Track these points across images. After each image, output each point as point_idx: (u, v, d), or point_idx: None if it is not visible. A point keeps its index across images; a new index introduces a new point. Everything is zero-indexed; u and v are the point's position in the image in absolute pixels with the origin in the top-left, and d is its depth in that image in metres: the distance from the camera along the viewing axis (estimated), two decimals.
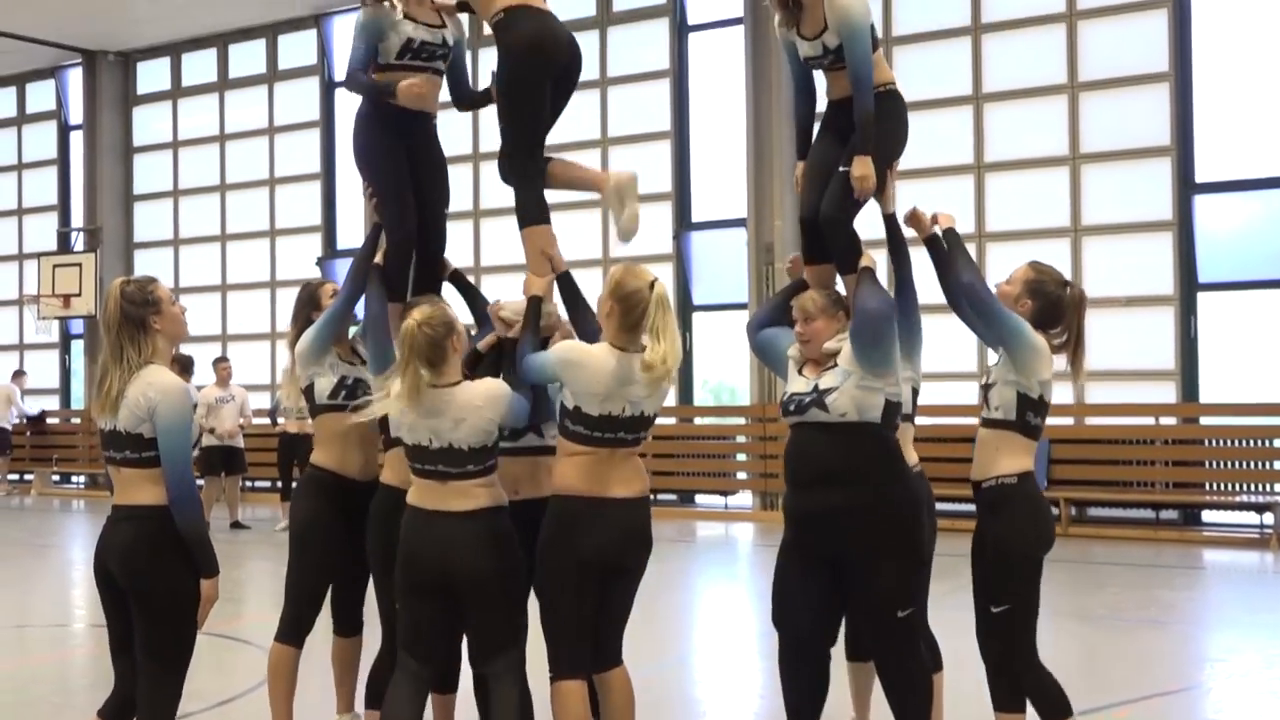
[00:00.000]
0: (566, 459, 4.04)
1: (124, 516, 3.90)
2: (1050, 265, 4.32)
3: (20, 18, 15.39)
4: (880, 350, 4.06)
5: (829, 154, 4.46)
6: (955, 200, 11.61)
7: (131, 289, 3.97)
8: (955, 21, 11.79)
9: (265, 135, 16.19)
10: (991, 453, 4.14)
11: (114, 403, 3.88)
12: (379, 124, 4.67)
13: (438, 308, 4.07)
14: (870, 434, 4.07)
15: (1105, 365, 11.12)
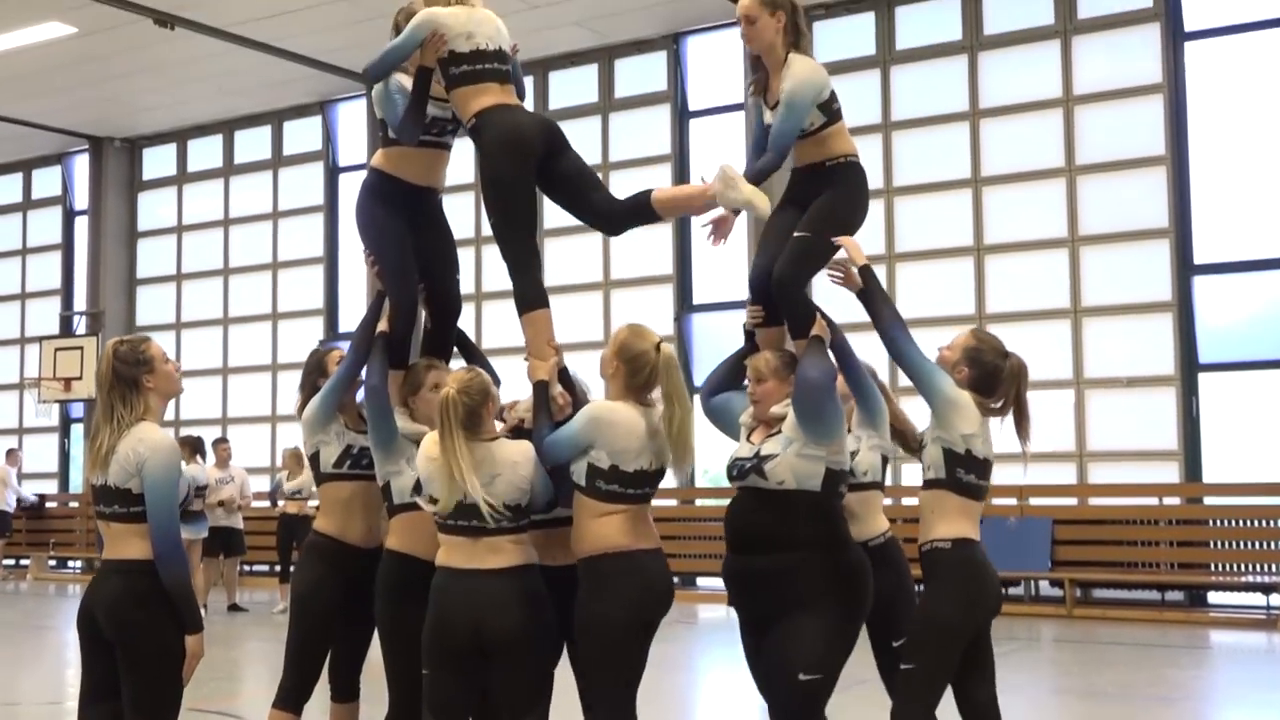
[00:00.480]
0: (601, 519, 4.00)
1: (113, 570, 3.95)
2: (993, 335, 4.27)
3: (29, 105, 15.59)
4: (822, 421, 4.01)
5: (788, 222, 4.51)
6: (955, 282, 11.70)
7: (124, 349, 4.05)
8: (954, 107, 11.92)
9: (269, 220, 16.31)
10: (928, 515, 4.08)
11: (104, 460, 3.94)
12: (382, 196, 4.70)
13: (475, 375, 4.09)
14: (807, 502, 4.00)
15: (1107, 446, 11.13)
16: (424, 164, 4.71)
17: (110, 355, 4.05)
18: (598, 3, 12.45)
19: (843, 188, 4.47)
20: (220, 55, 13.74)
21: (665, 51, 13.38)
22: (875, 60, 12.30)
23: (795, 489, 4.00)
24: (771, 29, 4.50)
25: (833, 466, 4.03)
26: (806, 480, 4.00)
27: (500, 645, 3.89)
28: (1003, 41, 11.75)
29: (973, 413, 4.04)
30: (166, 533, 3.92)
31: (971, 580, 4.00)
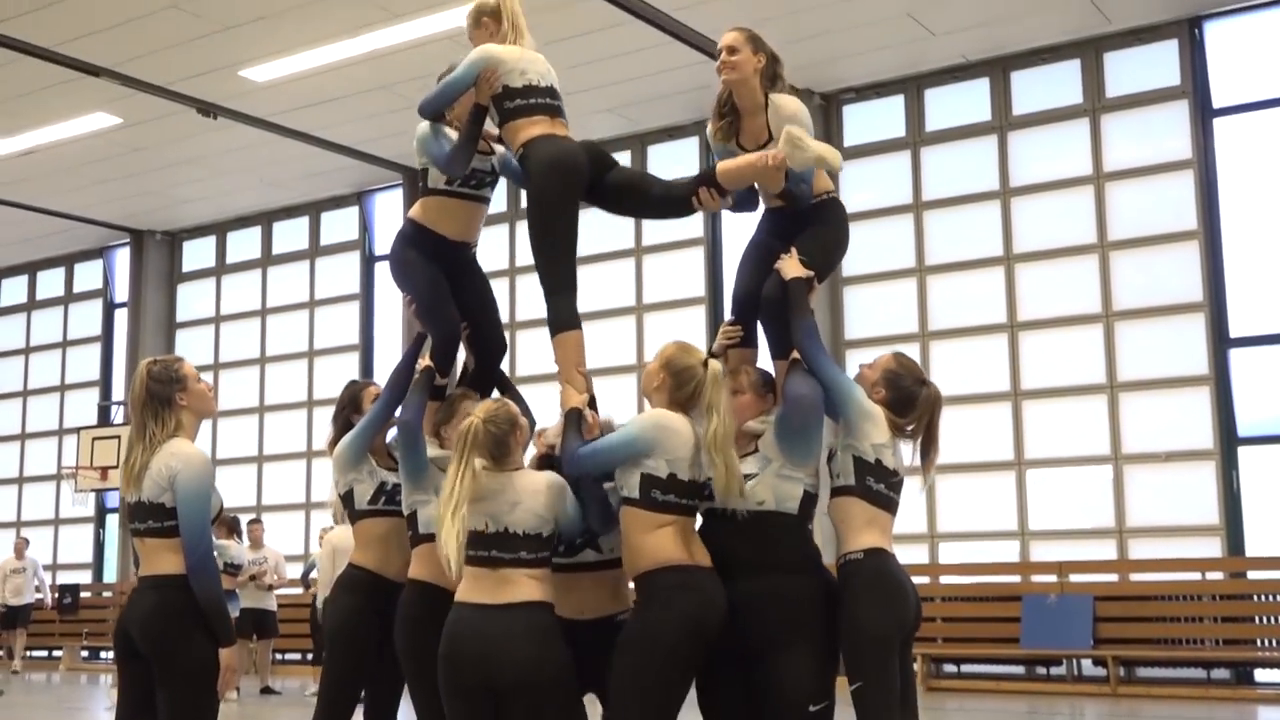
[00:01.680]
0: (657, 532, 3.95)
1: (148, 586, 3.97)
2: (913, 361, 4.27)
3: (73, 198, 15.90)
4: (805, 439, 4.02)
5: (770, 251, 4.54)
6: (990, 359, 11.69)
7: (158, 368, 4.11)
8: (985, 186, 12.01)
9: (306, 309, 16.49)
10: (840, 525, 4.04)
11: (137, 477, 3.96)
12: (417, 245, 4.74)
13: (502, 405, 4.11)
14: (785, 524, 3.99)
15: (1148, 521, 11.01)
16: (462, 218, 4.76)
17: (144, 374, 4.10)
18: (630, 90, 12.67)
19: (831, 224, 4.53)
20: (261, 145, 14.04)
21: (696, 137, 13.57)
22: (906, 142, 12.44)
23: (774, 509, 3.99)
24: (751, 65, 4.58)
25: (809, 489, 4.04)
26: (785, 501, 4.00)
27: (509, 682, 3.82)
28: (1032, 121, 11.87)
29: (883, 425, 4.04)
30: (199, 544, 3.95)
31: (887, 589, 3.94)
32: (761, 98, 4.57)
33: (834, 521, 4.06)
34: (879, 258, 12.36)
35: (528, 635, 3.85)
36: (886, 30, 11.19)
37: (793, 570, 3.98)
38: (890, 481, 4.04)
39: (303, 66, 11.76)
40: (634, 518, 3.99)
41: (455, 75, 4.61)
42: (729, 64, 4.59)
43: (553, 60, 12.92)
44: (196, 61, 11.65)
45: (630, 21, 10.71)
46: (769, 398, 4.23)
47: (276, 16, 10.77)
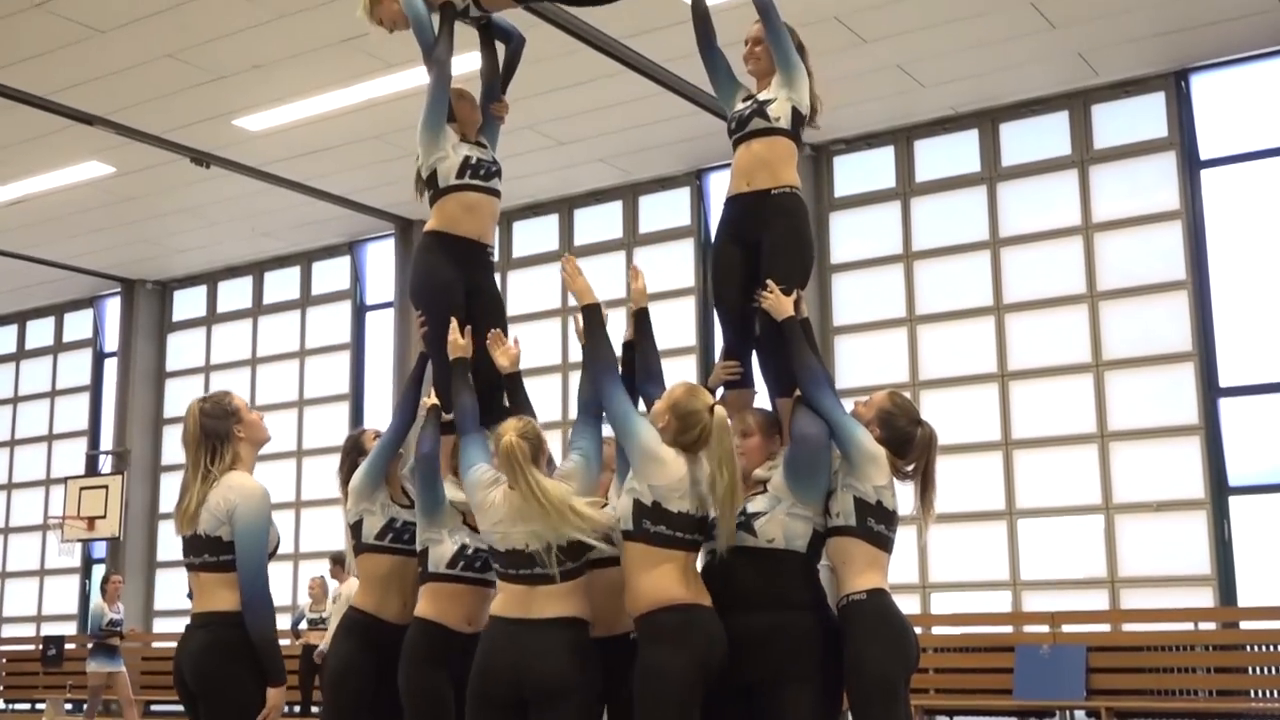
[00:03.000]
0: (655, 569, 3.94)
1: (200, 624, 3.97)
2: (908, 400, 4.30)
3: (64, 247, 15.89)
4: (815, 478, 4.04)
5: (736, 265, 4.56)
6: (981, 407, 11.70)
7: (209, 405, 4.12)
8: (974, 236, 12.07)
9: (296, 358, 16.47)
10: (840, 567, 4.04)
11: (193, 516, 3.96)
12: (437, 255, 4.78)
13: (526, 421, 4.12)
14: (795, 562, 4.00)
15: (1140, 571, 10.99)
16: (475, 213, 4.83)
17: (196, 412, 4.13)
18: (622, 141, 12.74)
19: (793, 221, 4.54)
20: (253, 195, 14.07)
21: (688, 187, 13.64)
22: (896, 192, 12.52)
23: (784, 548, 4.00)
24: (769, 54, 4.70)
25: (818, 528, 4.05)
26: (795, 540, 4.01)
27: (540, 693, 3.83)
28: (1021, 172, 11.96)
29: (886, 467, 4.06)
30: (255, 578, 3.98)
31: (892, 629, 3.95)
32: None
33: (834, 562, 4.06)
34: (870, 307, 12.41)
35: (565, 649, 3.88)
36: (877, 82, 11.28)
37: (800, 607, 3.98)
38: (889, 522, 4.05)
39: (296, 116, 11.82)
40: (632, 553, 3.99)
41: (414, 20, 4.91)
42: (753, 55, 4.78)
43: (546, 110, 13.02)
44: (190, 110, 11.70)
45: (623, 72, 10.79)
46: (776, 439, 4.23)
47: (271, 66, 10.84)
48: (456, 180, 4.82)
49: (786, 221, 4.53)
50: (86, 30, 10.09)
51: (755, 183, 4.60)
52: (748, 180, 4.63)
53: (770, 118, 4.63)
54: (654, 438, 4.02)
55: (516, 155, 12.47)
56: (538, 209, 14.44)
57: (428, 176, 4.87)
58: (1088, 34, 10.54)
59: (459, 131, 4.96)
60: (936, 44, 10.62)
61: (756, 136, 4.64)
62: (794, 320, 4.27)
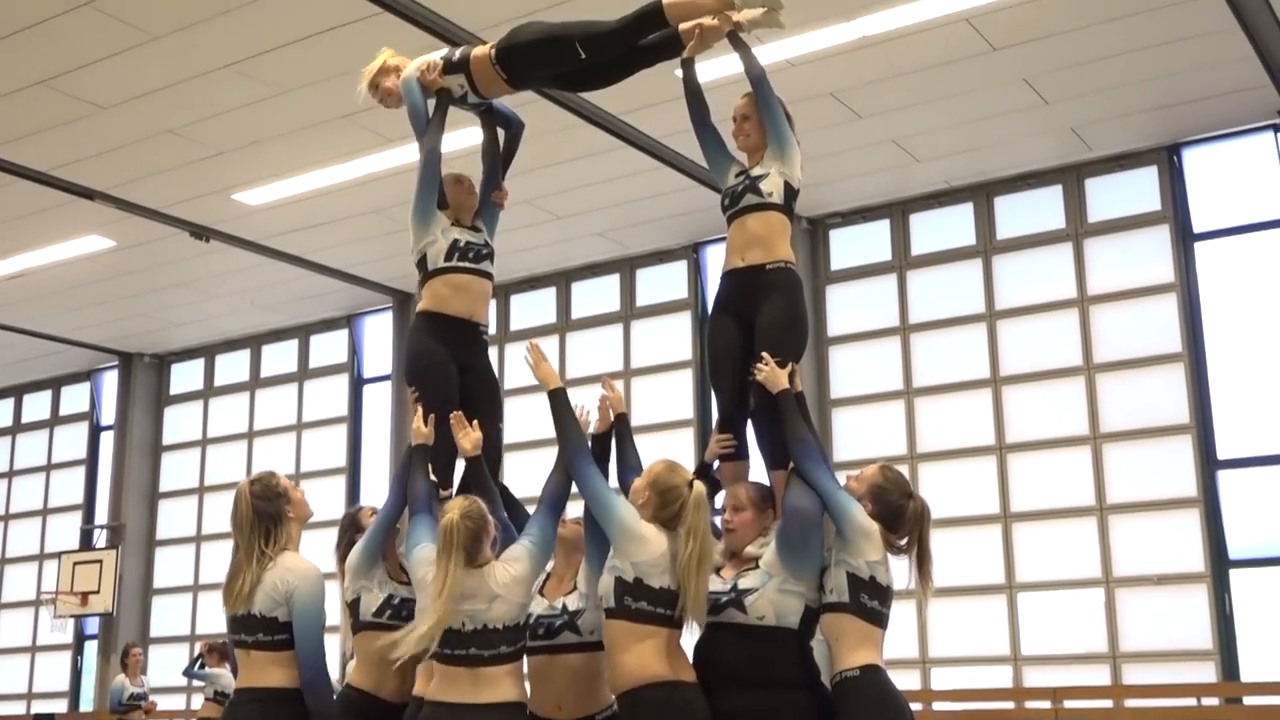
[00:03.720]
0: (637, 645, 3.92)
1: (250, 699, 4.06)
2: (900, 473, 4.28)
3: (63, 320, 15.94)
4: (807, 552, 4.02)
5: (735, 340, 4.60)
6: (979, 481, 11.67)
7: (258, 487, 4.21)
8: (970, 309, 12.12)
9: (293, 431, 16.44)
10: (834, 643, 4.01)
11: (247, 596, 4.01)
12: (429, 335, 4.83)
13: (474, 501, 4.13)
14: (786, 640, 3.96)
15: (1142, 646, 10.90)
16: (465, 294, 4.91)
17: (247, 495, 4.20)
18: (620, 215, 12.82)
19: (787, 296, 4.58)
20: (252, 269, 14.13)
21: (685, 260, 13.71)
22: (892, 265, 12.58)
23: (775, 625, 3.96)
24: (760, 129, 4.77)
25: (810, 604, 4.01)
26: (786, 616, 3.97)
27: None
28: (1016, 245, 12.02)
29: (879, 542, 4.04)
30: (316, 659, 4.07)
31: (886, 707, 3.89)
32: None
33: (828, 638, 4.02)
34: (867, 380, 12.42)
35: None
36: (872, 156, 11.38)
37: (792, 686, 3.94)
38: (883, 598, 4.02)
39: (295, 190, 11.89)
40: (615, 631, 3.97)
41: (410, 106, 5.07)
42: (742, 131, 4.83)
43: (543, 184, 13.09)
44: (191, 185, 11.78)
45: (620, 148, 10.89)
46: (769, 513, 4.22)
47: (270, 141, 10.93)
48: (445, 263, 4.92)
49: (781, 296, 4.57)
50: (89, 107, 10.19)
51: (749, 258, 4.65)
52: (741, 256, 4.68)
53: (763, 193, 4.68)
54: (633, 515, 4.04)
55: (515, 229, 12.54)
56: (535, 282, 14.50)
57: (418, 260, 4.98)
58: (1080, 109, 10.65)
59: (452, 216, 5.05)
60: (930, 119, 10.72)
61: (750, 212, 4.69)
62: (788, 393, 4.29)
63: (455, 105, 5.15)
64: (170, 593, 17.00)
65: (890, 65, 9.73)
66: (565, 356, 14.02)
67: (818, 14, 8.93)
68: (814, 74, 9.54)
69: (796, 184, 4.80)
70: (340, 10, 8.78)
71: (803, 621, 3.98)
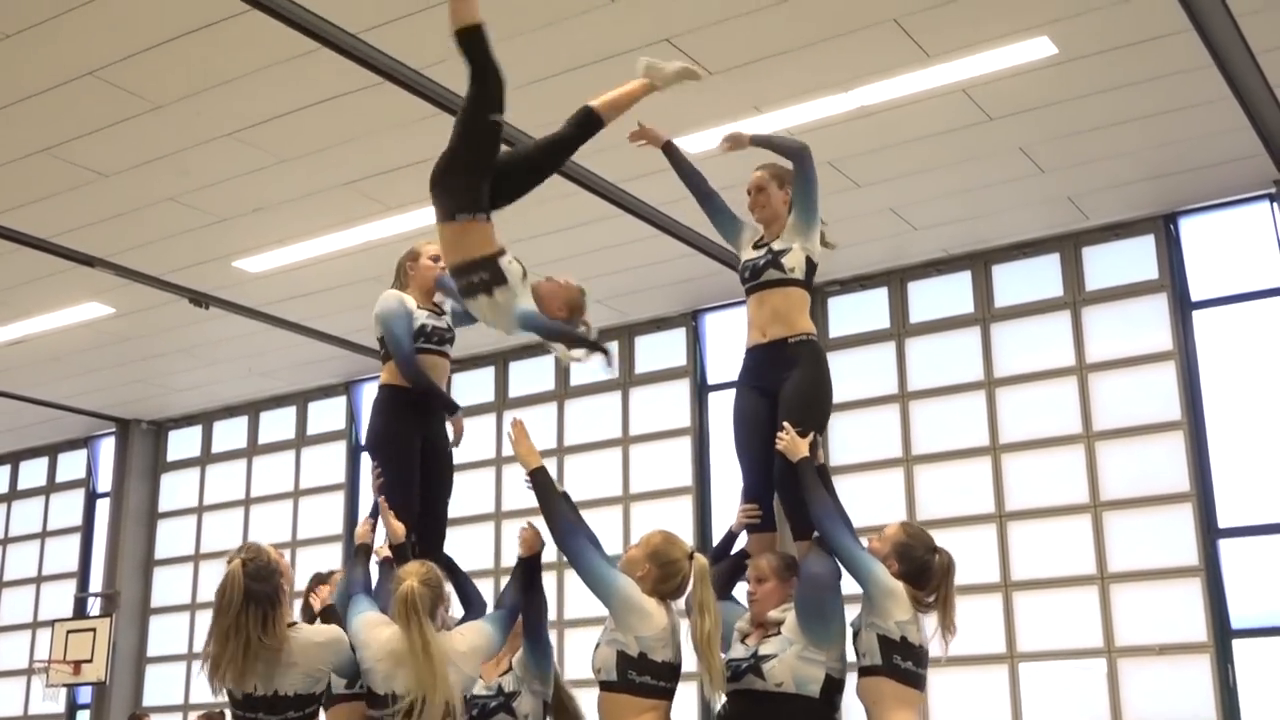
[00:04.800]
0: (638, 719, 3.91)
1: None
2: (921, 529, 4.30)
3: (60, 387, 15.93)
4: (824, 620, 4.02)
5: (760, 411, 4.62)
6: (979, 549, 11.60)
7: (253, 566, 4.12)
8: (969, 376, 12.12)
9: (290, 498, 16.38)
10: (871, 708, 3.99)
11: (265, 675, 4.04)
12: (393, 407, 4.93)
13: (429, 566, 4.19)
14: (805, 709, 3.93)
15: (1145, 717, 10.79)
16: (432, 372, 5.06)
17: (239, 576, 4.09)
18: (619, 283, 12.84)
19: (811, 369, 4.61)
20: (251, 335, 14.14)
21: (684, 328, 13.73)
22: (890, 333, 12.60)
23: (794, 693, 3.94)
24: (780, 200, 4.87)
25: (833, 674, 3.99)
26: (806, 684, 3.95)
27: None
28: (1014, 313, 12.04)
29: (906, 601, 4.04)
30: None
31: None
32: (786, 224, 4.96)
33: (864, 703, 4.00)
34: (866, 448, 12.39)
35: None
36: (870, 225, 11.43)
37: None
38: (918, 658, 4.00)
39: (295, 257, 11.94)
40: (614, 704, 3.95)
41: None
42: (758, 203, 4.90)
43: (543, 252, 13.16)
44: (191, 252, 11.82)
45: (619, 215, 10.94)
46: (792, 582, 4.20)
47: (272, 209, 10.98)
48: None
49: (804, 369, 4.63)
50: (90, 174, 10.24)
51: (771, 334, 4.72)
52: (763, 332, 4.75)
53: (786, 269, 4.74)
54: (635, 589, 4.02)
55: None
56: (534, 350, 14.50)
57: (380, 340, 5.25)
58: (1077, 179, 10.71)
59: (415, 296, 5.33)
60: (928, 188, 10.79)
61: (772, 287, 4.74)
62: (808, 461, 4.30)
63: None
64: (164, 661, 16.85)
65: (888, 135, 9.80)
66: (564, 424, 14.00)
67: (815, 85, 9.02)
68: (812, 143, 9.43)
69: (816, 258, 4.86)
70: (342, 80, 8.85)
71: (824, 690, 3.95)
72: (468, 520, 13.75)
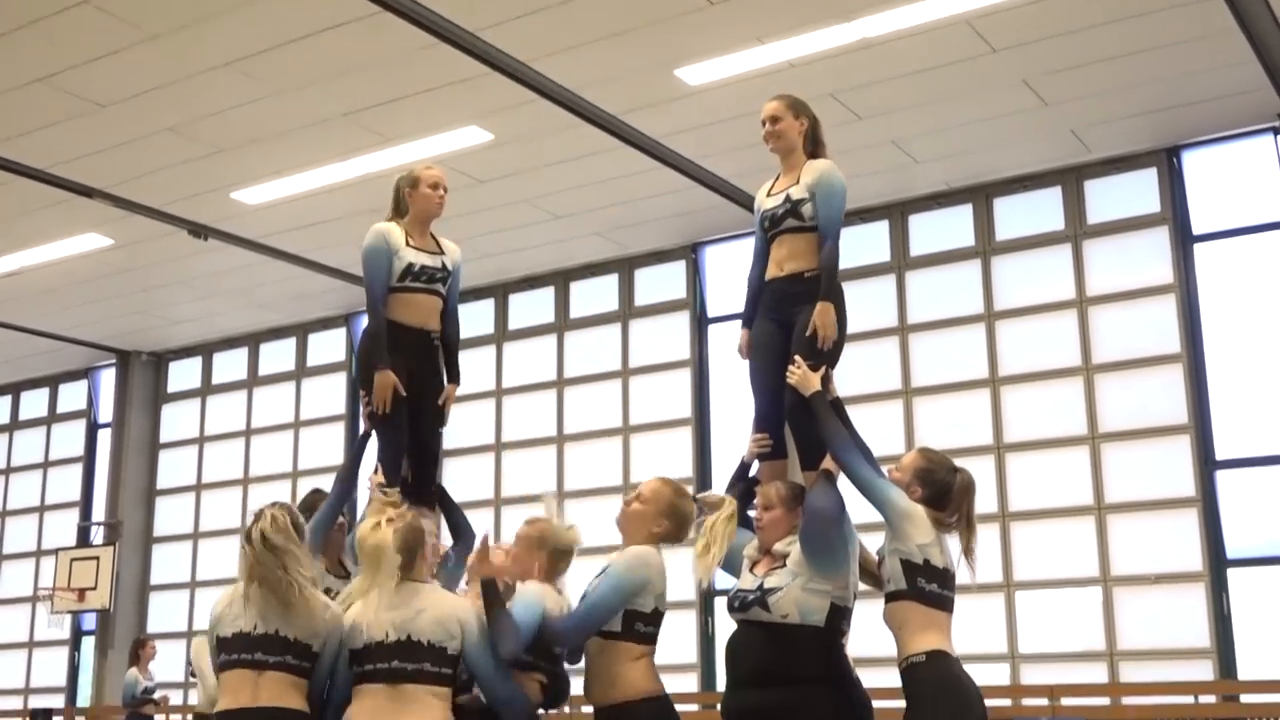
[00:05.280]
0: (636, 663, 4.04)
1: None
2: (940, 453, 4.36)
3: (61, 318, 15.93)
4: (828, 553, 4.05)
5: (774, 341, 4.65)
6: (978, 480, 11.62)
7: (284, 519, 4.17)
8: (969, 309, 12.13)
9: (291, 429, 16.44)
10: (897, 630, 4.03)
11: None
12: (381, 340, 4.97)
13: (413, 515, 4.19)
14: (810, 637, 3.97)
15: (1139, 645, 10.93)
16: (416, 308, 5.13)
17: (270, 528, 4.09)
18: (618, 215, 12.81)
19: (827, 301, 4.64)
20: (250, 267, 14.12)
21: (684, 261, 13.71)
22: (890, 266, 12.59)
23: (799, 623, 3.98)
24: (795, 130, 4.83)
25: (838, 602, 4.04)
26: (811, 615, 3.99)
27: None
28: (1015, 246, 12.03)
29: (926, 524, 4.07)
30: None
31: (952, 697, 3.88)
32: (803, 159, 4.87)
33: (892, 627, 4.05)
34: (865, 381, 12.40)
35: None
36: (871, 158, 11.38)
37: (812, 683, 3.95)
38: (943, 580, 4.03)
39: (294, 189, 11.89)
40: (614, 650, 4.02)
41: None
42: (773, 134, 4.87)
43: (542, 184, 13.02)
44: (189, 184, 11.77)
45: (620, 148, 10.88)
46: (799, 511, 4.24)
47: (270, 140, 10.92)
48: (398, 283, 5.20)
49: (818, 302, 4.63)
50: (88, 105, 10.18)
51: (788, 268, 4.76)
52: (781, 266, 4.77)
53: (804, 217, 4.72)
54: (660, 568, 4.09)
55: (513, 229, 12.58)
56: (534, 282, 14.50)
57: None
58: (1079, 111, 10.66)
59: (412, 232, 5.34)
60: (930, 120, 10.73)
61: (791, 233, 4.75)
62: (821, 395, 4.33)
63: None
64: (167, 589, 17.00)
65: (890, 66, 9.73)
66: (564, 356, 14.01)
67: (817, 15, 8.94)
68: (814, 75, 9.54)
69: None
70: (341, 10, 8.77)
71: (829, 619, 3.99)
72: (468, 451, 13.86)
